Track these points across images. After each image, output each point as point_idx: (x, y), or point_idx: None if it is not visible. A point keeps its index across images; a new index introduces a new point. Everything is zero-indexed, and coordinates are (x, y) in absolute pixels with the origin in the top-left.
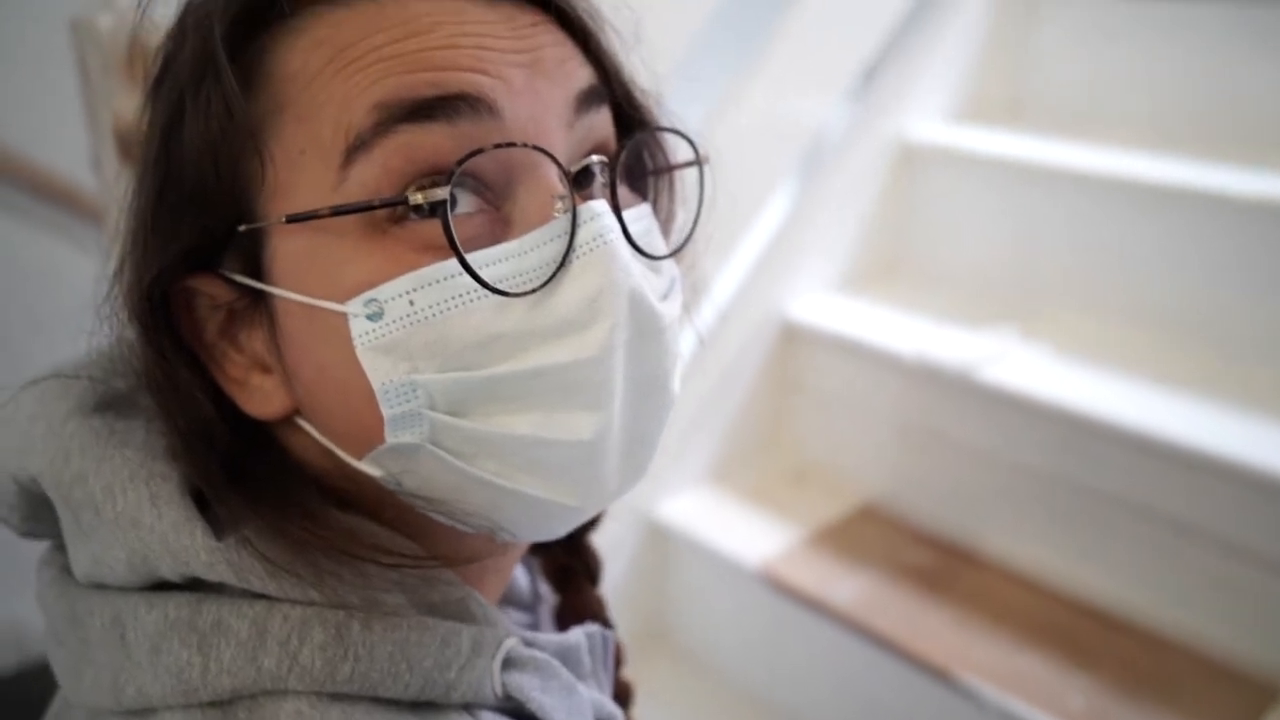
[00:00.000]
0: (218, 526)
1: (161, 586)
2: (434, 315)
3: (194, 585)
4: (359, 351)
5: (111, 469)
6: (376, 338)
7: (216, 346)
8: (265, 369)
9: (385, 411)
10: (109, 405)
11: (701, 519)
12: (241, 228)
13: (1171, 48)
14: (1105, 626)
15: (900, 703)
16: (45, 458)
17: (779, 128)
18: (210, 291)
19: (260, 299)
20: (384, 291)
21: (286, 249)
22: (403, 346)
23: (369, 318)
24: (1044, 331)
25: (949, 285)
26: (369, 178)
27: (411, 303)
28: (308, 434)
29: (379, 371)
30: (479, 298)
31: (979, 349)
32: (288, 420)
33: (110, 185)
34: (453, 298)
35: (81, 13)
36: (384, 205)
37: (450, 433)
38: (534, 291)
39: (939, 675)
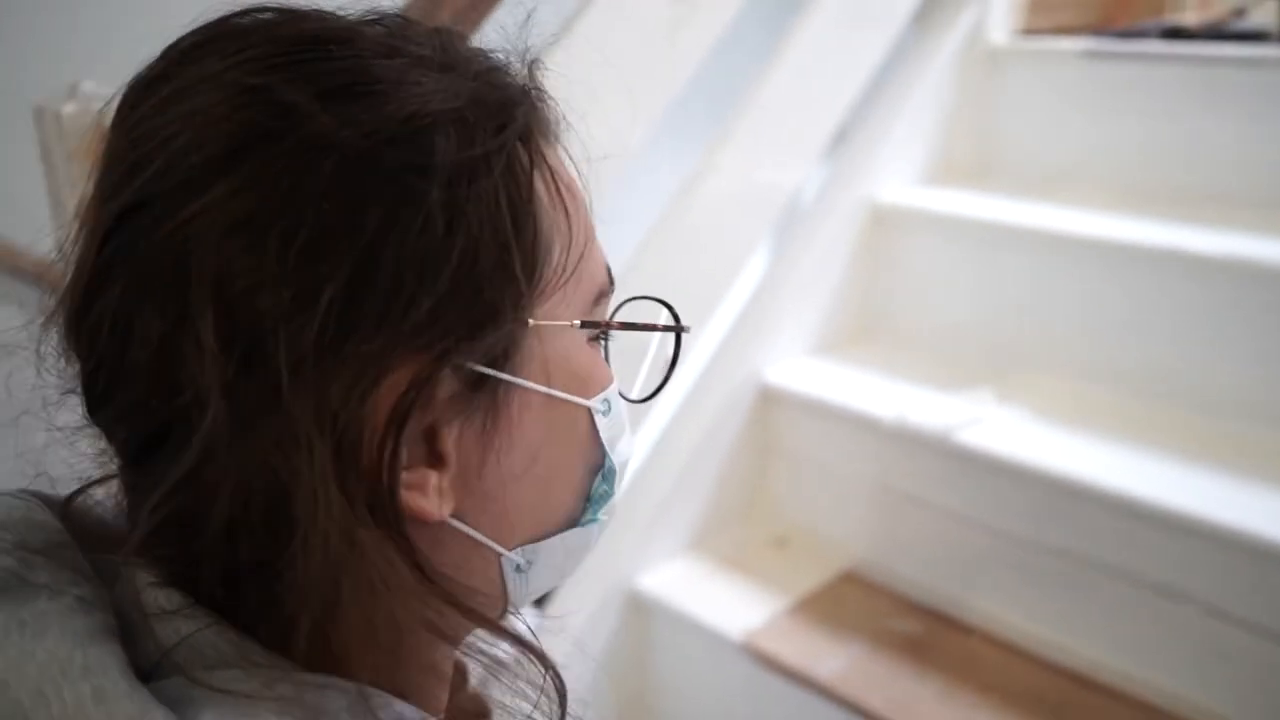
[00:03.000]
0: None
1: None
2: (618, 413)
3: None
4: (603, 439)
5: (36, 668)
6: (606, 430)
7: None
8: (434, 468)
9: (599, 489)
10: (3, 591)
11: (682, 589)
12: (531, 321)
13: (1134, 108)
14: (1095, 694)
15: None
16: None
17: (753, 193)
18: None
19: (482, 394)
20: (610, 392)
21: (543, 348)
22: (610, 439)
23: (604, 414)
24: (1020, 393)
25: (923, 346)
26: (599, 311)
27: (618, 402)
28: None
29: (611, 457)
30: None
31: (956, 412)
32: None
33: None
34: (620, 401)
35: (46, 101)
36: (667, 329)
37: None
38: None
39: None
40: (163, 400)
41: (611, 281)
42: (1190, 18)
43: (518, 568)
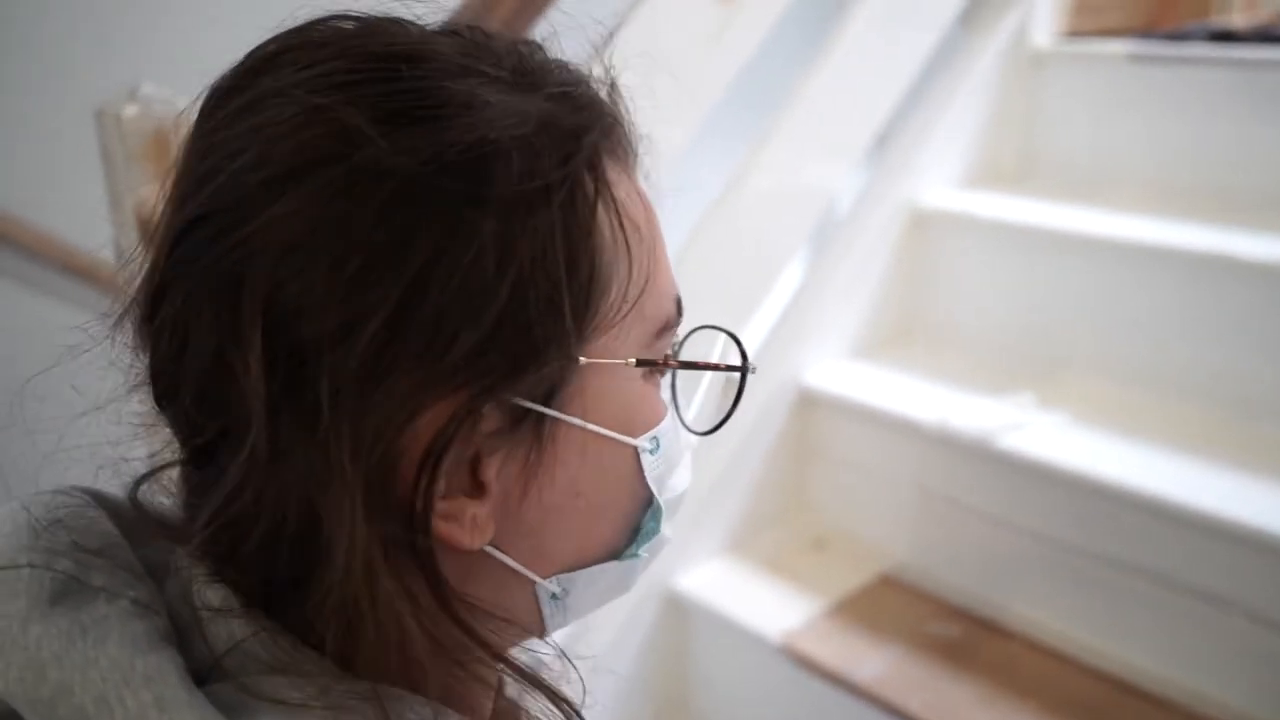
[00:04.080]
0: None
1: None
2: (669, 450)
3: None
4: (648, 480)
5: (100, 675)
6: (653, 468)
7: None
8: (473, 498)
9: (647, 526)
10: (64, 595)
11: (721, 590)
12: (582, 360)
13: (1180, 111)
14: (1137, 700)
15: None
16: (12, 674)
17: (795, 194)
18: (479, 420)
19: (525, 427)
20: (661, 429)
21: (592, 385)
22: (658, 477)
23: (650, 452)
24: (1061, 397)
25: (963, 349)
26: (661, 344)
27: (669, 441)
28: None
29: (659, 496)
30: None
31: (998, 416)
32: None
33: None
34: (675, 437)
35: (107, 103)
36: (729, 369)
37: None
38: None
39: None
40: (213, 413)
41: (680, 311)
42: (1237, 20)
43: (553, 596)
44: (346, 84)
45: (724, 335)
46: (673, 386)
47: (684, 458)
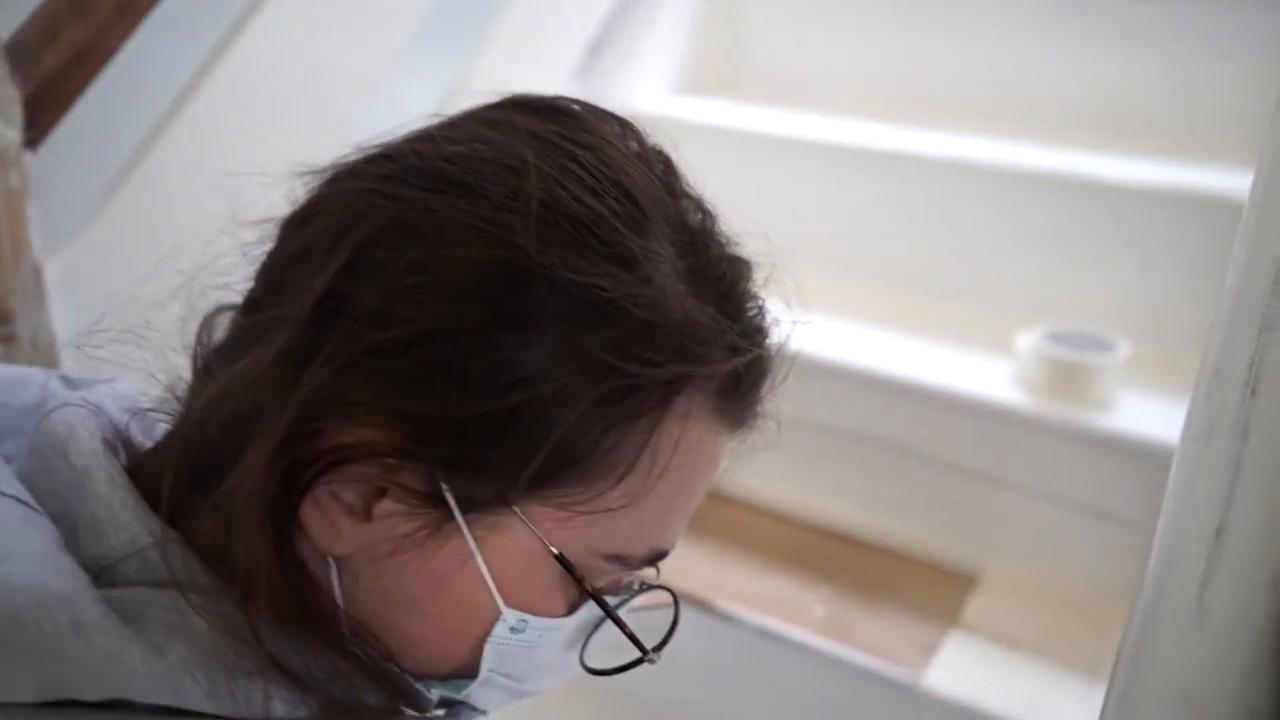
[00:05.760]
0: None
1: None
2: (537, 644)
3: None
4: (487, 645)
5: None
6: (503, 641)
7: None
8: (352, 515)
9: (457, 682)
10: None
11: None
12: (517, 510)
13: (874, 21)
14: (839, 544)
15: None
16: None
17: None
18: (410, 479)
19: (433, 509)
20: (537, 621)
21: (512, 535)
22: (505, 655)
23: (512, 629)
24: (769, 288)
25: None
26: (605, 566)
27: (539, 634)
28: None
29: (486, 662)
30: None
31: None
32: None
33: None
34: (555, 641)
35: None
36: (621, 627)
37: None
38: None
39: (700, 605)
40: (272, 297)
41: (648, 564)
42: None
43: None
44: (560, 164)
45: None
46: (606, 612)
47: (554, 669)
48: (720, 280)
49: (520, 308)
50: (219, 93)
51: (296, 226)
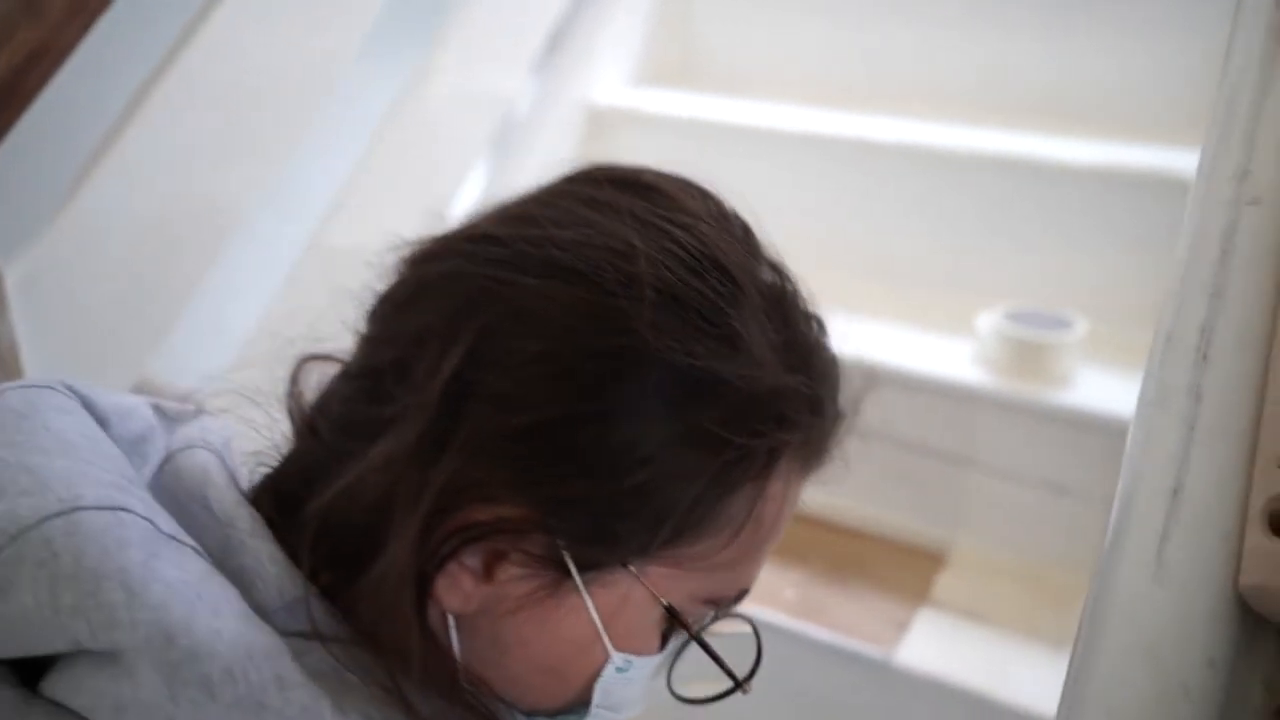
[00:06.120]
0: None
1: None
2: (635, 678)
3: None
4: (597, 684)
5: (225, 646)
6: (610, 680)
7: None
8: (476, 578)
9: (570, 713)
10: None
11: None
12: (633, 569)
13: (826, 10)
14: (808, 527)
15: None
16: (140, 633)
17: (473, 99)
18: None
19: (554, 570)
20: (641, 660)
21: (623, 589)
22: (609, 689)
23: (619, 669)
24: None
25: None
26: (702, 608)
27: (638, 670)
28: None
29: (595, 699)
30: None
31: None
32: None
33: None
34: (647, 674)
35: None
36: (719, 664)
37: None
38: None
39: None
40: (399, 384)
41: (738, 599)
42: None
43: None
44: (663, 246)
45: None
46: (685, 645)
47: (642, 697)
48: (804, 346)
49: (640, 392)
50: (176, 92)
51: (404, 305)
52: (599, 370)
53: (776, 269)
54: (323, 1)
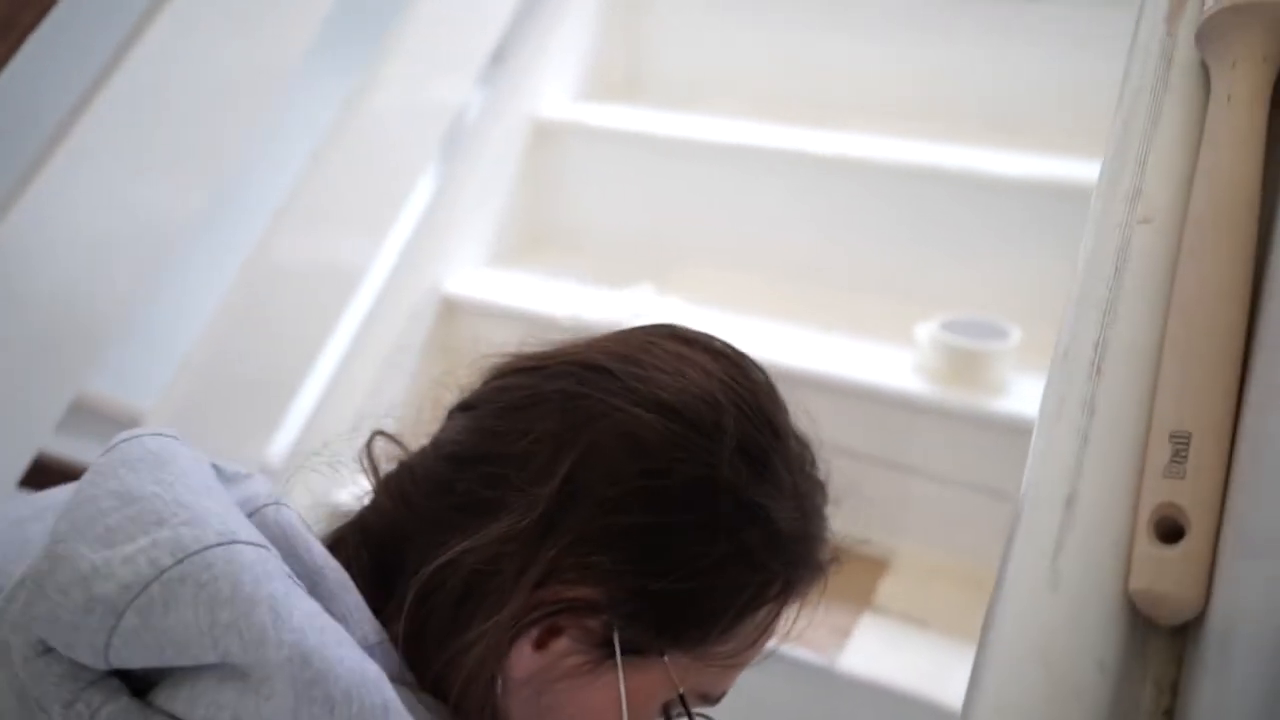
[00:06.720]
0: None
1: None
2: None
3: None
4: None
5: (345, 670)
6: None
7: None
8: (533, 648)
9: None
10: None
11: None
12: (667, 659)
13: (770, 25)
14: None
15: None
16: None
17: (420, 109)
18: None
19: (602, 648)
20: None
21: (652, 672)
22: None
23: None
24: (677, 286)
25: (590, 251)
26: (699, 703)
27: None
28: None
29: None
30: None
31: (623, 306)
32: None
33: None
34: None
35: None
36: None
37: None
38: None
39: None
40: (519, 474)
41: (719, 699)
42: None
43: None
44: (736, 403)
45: None
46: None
47: None
48: (812, 498)
49: (714, 516)
50: (117, 104)
51: (518, 408)
52: (685, 492)
53: (796, 434)
54: (266, 12)
